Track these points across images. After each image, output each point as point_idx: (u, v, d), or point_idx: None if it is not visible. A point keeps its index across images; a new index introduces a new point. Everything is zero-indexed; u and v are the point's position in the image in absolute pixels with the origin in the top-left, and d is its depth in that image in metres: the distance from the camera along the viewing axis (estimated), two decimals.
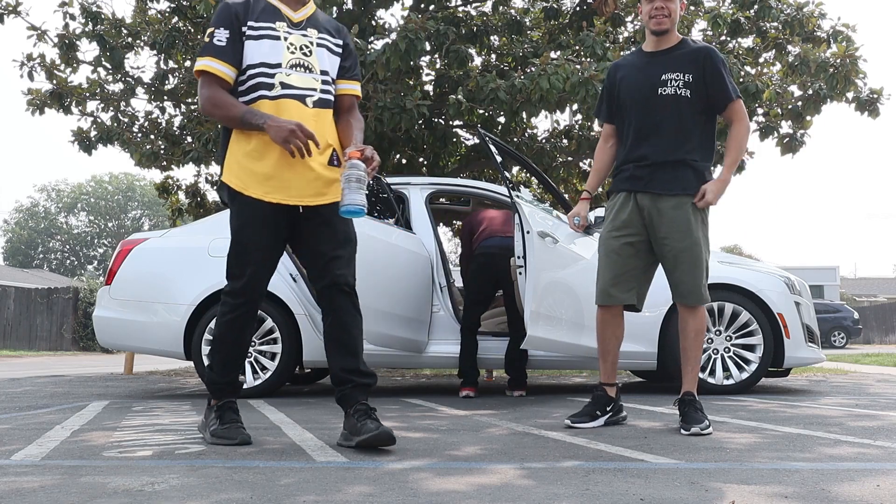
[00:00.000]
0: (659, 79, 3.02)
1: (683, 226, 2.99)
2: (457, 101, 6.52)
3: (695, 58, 3.01)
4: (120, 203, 52.70)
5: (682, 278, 3.02)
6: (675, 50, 3.07)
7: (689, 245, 2.99)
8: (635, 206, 3.06)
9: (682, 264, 3.00)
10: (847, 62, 6.63)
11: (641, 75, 3.08)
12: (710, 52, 3.03)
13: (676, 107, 3.00)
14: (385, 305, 4.47)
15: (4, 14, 7.13)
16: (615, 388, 3.22)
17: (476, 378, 4.75)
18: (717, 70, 3.01)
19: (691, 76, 2.99)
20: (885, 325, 28.49)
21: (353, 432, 2.52)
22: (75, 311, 19.69)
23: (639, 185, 3.05)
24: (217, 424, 2.69)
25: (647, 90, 3.04)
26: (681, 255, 3.00)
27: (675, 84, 2.99)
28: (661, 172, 3.01)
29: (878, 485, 1.91)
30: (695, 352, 3.07)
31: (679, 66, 3.01)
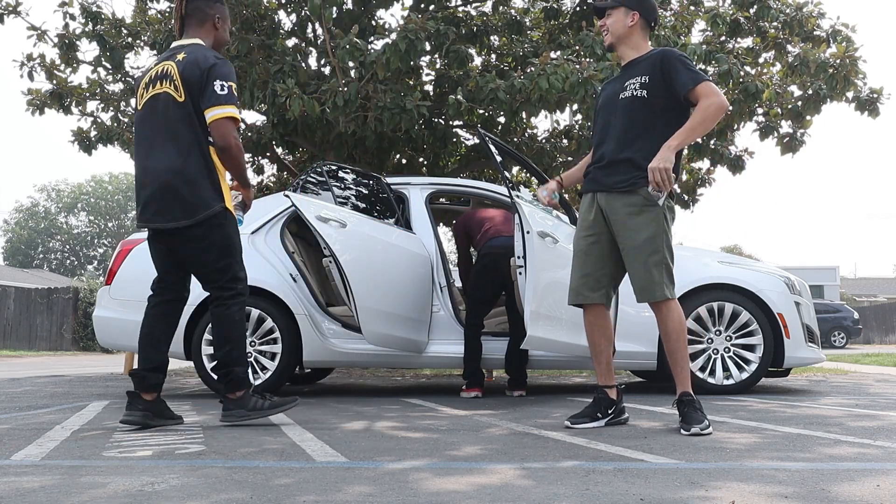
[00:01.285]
0: (623, 86, 3.15)
1: (633, 223, 3.02)
2: (457, 101, 6.52)
3: (652, 60, 3.10)
4: (120, 203, 52.69)
5: (633, 275, 3.05)
6: (639, 60, 3.17)
7: (639, 241, 3.00)
8: (598, 206, 3.15)
9: (634, 261, 3.03)
10: (847, 62, 6.63)
11: (611, 87, 3.25)
12: (666, 51, 3.11)
13: (631, 107, 3.08)
14: (385, 305, 4.47)
15: (4, 14, 7.12)
16: (616, 389, 3.20)
17: (482, 379, 4.75)
18: (671, 65, 3.03)
19: (648, 77, 3.07)
20: (885, 325, 28.50)
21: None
22: (75, 311, 19.69)
23: (596, 185, 3.16)
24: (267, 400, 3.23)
25: (612, 97, 3.20)
26: (632, 251, 3.03)
27: (633, 87, 3.09)
28: (613, 170, 3.09)
29: (878, 485, 1.91)
30: (679, 352, 3.03)
31: (639, 71, 3.12)
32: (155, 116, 3.16)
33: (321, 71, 7.77)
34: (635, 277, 3.05)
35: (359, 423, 3.36)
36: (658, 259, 3.00)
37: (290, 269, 4.87)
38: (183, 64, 3.12)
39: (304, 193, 4.86)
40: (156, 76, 3.19)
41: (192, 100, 3.11)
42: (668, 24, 7.40)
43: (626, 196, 3.04)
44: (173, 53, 3.21)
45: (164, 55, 3.27)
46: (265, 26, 7.45)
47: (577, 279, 3.17)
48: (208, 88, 3.08)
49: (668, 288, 3.02)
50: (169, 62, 3.18)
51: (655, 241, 3.00)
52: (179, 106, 3.12)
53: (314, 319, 4.78)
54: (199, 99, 3.10)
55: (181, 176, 3.10)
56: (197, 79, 3.08)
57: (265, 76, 6.77)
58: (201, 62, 3.10)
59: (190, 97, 3.11)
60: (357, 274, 4.37)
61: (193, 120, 3.12)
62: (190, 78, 3.09)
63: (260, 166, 9.71)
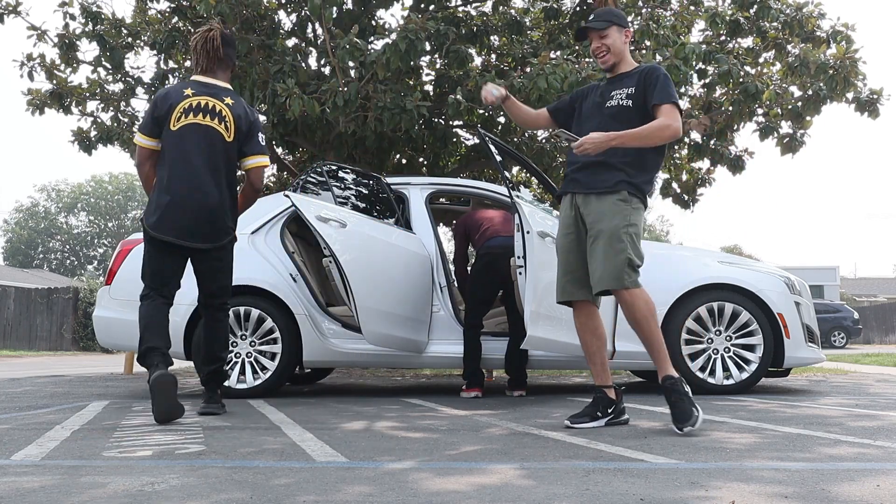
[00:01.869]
0: (609, 96, 3.24)
1: (600, 216, 3.09)
2: (457, 101, 6.52)
3: (639, 73, 3.21)
4: (120, 203, 52.70)
5: (594, 266, 3.09)
6: (628, 74, 3.26)
7: (603, 232, 3.05)
8: (575, 206, 3.22)
9: (596, 251, 3.07)
10: (847, 63, 6.63)
11: (598, 99, 3.29)
12: (653, 67, 3.22)
13: (615, 116, 3.16)
14: (385, 305, 4.47)
15: (4, 14, 7.12)
16: (614, 389, 3.20)
17: (482, 379, 4.76)
18: (653, 79, 3.15)
19: (633, 89, 3.17)
20: (885, 325, 28.50)
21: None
22: (75, 311, 19.69)
23: (576, 186, 3.22)
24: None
25: (596, 107, 3.26)
26: (594, 241, 3.09)
27: (620, 97, 3.19)
28: (588, 173, 3.17)
29: (878, 485, 1.91)
30: (652, 336, 3.03)
31: (627, 83, 3.21)
32: (199, 145, 3.53)
33: (321, 71, 7.77)
34: (594, 265, 3.06)
35: (359, 423, 3.36)
36: (620, 248, 3.01)
37: (290, 269, 4.88)
38: (234, 109, 3.62)
39: (304, 193, 4.86)
40: (198, 107, 3.57)
41: (237, 142, 3.62)
42: (668, 24, 7.40)
43: (600, 194, 3.13)
44: (217, 93, 3.64)
45: (204, 90, 3.63)
46: (265, 26, 7.45)
47: (562, 277, 3.23)
48: (254, 138, 3.66)
49: (629, 276, 3.01)
50: (216, 100, 3.61)
51: (617, 232, 3.03)
52: (227, 145, 3.59)
53: (314, 319, 4.78)
54: (243, 144, 3.63)
55: (220, 206, 3.57)
56: (245, 127, 3.63)
57: (265, 76, 6.77)
58: (249, 114, 3.68)
59: (237, 139, 3.61)
60: (357, 274, 4.37)
61: (234, 158, 3.65)
62: (240, 124, 3.62)
63: None
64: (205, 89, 3.60)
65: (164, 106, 3.56)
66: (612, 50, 3.23)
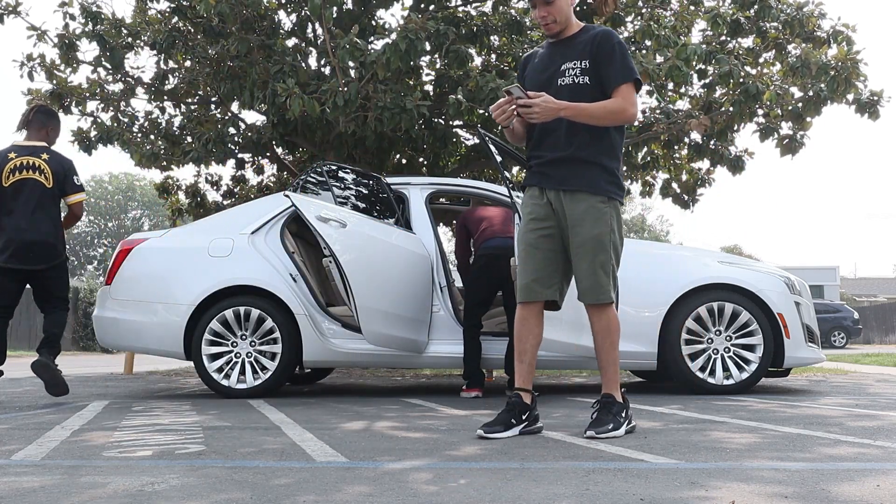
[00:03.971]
0: (559, 69, 2.97)
1: (585, 222, 2.91)
2: (457, 101, 6.52)
3: (591, 42, 2.95)
4: (120, 203, 52.70)
5: (579, 275, 2.95)
6: (574, 38, 3.01)
7: (588, 242, 2.91)
8: (547, 200, 3.01)
9: (581, 260, 2.93)
10: (848, 64, 6.63)
11: (542, 66, 3.04)
12: (606, 34, 2.96)
13: (575, 97, 2.91)
14: (385, 305, 4.48)
15: (4, 14, 7.12)
16: (531, 395, 2.99)
17: (482, 379, 4.76)
18: (609, 51, 2.91)
19: (588, 62, 2.93)
20: (885, 325, 28.50)
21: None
22: (75, 311, 19.70)
23: (548, 181, 3.00)
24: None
25: (547, 82, 2.99)
26: (579, 250, 2.93)
27: (573, 73, 2.93)
28: (564, 169, 2.96)
29: (878, 485, 1.91)
30: (607, 353, 2.95)
31: (577, 54, 2.96)
32: (27, 194, 4.44)
33: (321, 71, 7.77)
34: (581, 277, 2.95)
35: (359, 423, 3.36)
36: (604, 259, 2.92)
37: (290, 269, 4.88)
38: (49, 162, 4.50)
39: (304, 193, 4.86)
40: (22, 166, 4.47)
41: (57, 186, 4.51)
42: (668, 24, 7.40)
43: (580, 194, 2.93)
44: (35, 152, 4.52)
45: (24, 151, 4.52)
46: (265, 26, 7.45)
47: (529, 275, 3.00)
48: (69, 181, 4.56)
49: (611, 291, 2.94)
50: (34, 157, 4.49)
51: (603, 240, 2.92)
52: (48, 190, 4.48)
53: (314, 319, 4.78)
54: (63, 186, 4.53)
55: (49, 237, 4.53)
56: (61, 174, 4.52)
57: (265, 76, 6.77)
58: (63, 163, 4.57)
59: (56, 185, 4.50)
60: (357, 274, 4.37)
61: (57, 199, 4.55)
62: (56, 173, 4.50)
63: (260, 166, 9.71)
64: (24, 150, 4.52)
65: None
66: (558, 18, 2.97)
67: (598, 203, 2.93)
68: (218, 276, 4.81)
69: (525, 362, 3.01)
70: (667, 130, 7.67)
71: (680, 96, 8.44)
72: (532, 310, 3.01)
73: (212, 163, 8.22)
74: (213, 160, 7.99)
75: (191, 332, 4.77)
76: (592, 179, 2.93)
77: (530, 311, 3.01)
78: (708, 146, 8.36)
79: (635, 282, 4.70)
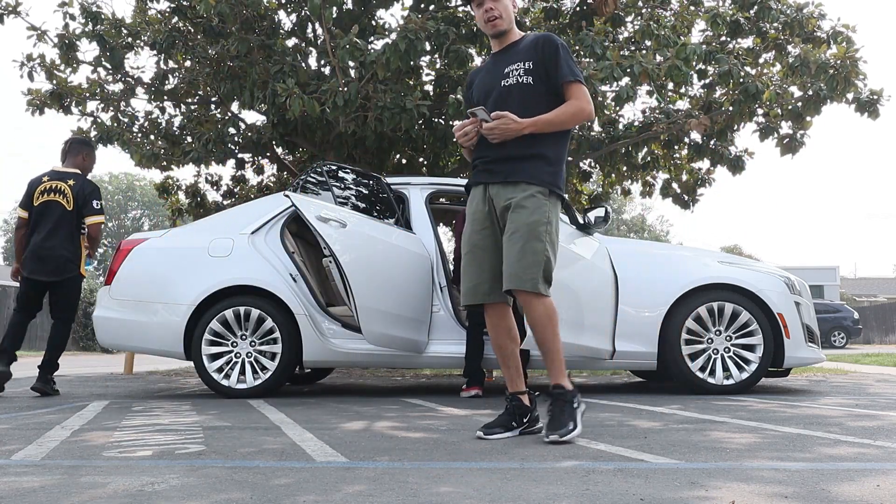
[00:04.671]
0: (502, 73, 2.97)
1: (522, 210, 2.84)
2: (457, 101, 6.52)
3: (534, 45, 2.96)
4: (120, 203, 52.72)
5: (508, 261, 2.83)
6: (517, 44, 3.03)
7: (521, 227, 2.82)
8: (489, 199, 2.96)
9: (512, 246, 2.82)
10: (847, 63, 6.63)
11: (489, 76, 3.04)
12: (548, 37, 2.98)
13: (518, 96, 2.91)
14: (385, 305, 4.48)
15: (4, 14, 7.12)
16: (528, 395, 2.94)
17: (483, 378, 4.76)
18: (553, 52, 2.92)
19: (531, 63, 2.93)
20: (885, 325, 28.51)
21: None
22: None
23: (490, 177, 2.96)
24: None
25: (491, 86, 2.99)
26: (512, 235, 2.84)
27: (517, 73, 2.93)
28: (509, 164, 2.92)
29: (878, 485, 1.91)
30: (548, 343, 2.83)
31: (519, 56, 2.96)
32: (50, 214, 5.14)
33: (321, 71, 7.77)
34: (509, 262, 2.82)
35: (359, 423, 3.36)
36: (537, 248, 2.80)
37: (290, 269, 4.88)
38: (73, 187, 5.14)
39: (304, 193, 4.86)
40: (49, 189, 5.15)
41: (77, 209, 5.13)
42: (668, 24, 7.40)
43: (520, 185, 2.88)
44: (63, 177, 5.18)
45: (56, 176, 5.19)
46: (265, 26, 7.46)
47: (475, 277, 2.92)
48: (89, 205, 5.15)
49: (540, 283, 2.81)
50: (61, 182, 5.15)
51: (538, 229, 2.82)
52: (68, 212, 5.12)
53: (314, 319, 4.78)
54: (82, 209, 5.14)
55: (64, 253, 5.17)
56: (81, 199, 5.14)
57: (265, 76, 6.77)
58: (84, 188, 5.17)
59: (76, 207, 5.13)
60: (357, 274, 4.38)
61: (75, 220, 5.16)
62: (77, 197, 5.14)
63: (260, 166, 9.71)
64: (56, 175, 5.18)
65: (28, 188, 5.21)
66: (503, 15, 2.96)
67: (538, 193, 2.86)
68: (218, 276, 4.81)
69: (511, 366, 2.96)
70: (667, 130, 7.67)
71: (680, 96, 8.44)
72: (497, 312, 2.95)
73: (212, 163, 8.22)
74: (213, 160, 7.99)
75: (191, 332, 4.77)
76: (535, 171, 2.89)
77: (497, 314, 2.95)
78: (708, 146, 8.37)
79: (635, 282, 4.71)
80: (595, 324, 4.59)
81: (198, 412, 3.83)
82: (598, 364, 4.74)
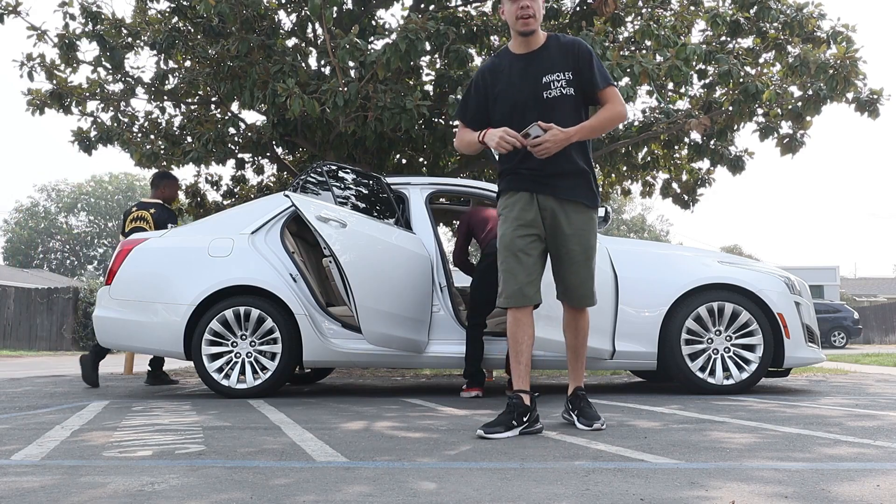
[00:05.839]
0: (541, 82, 2.99)
1: (585, 231, 3.07)
2: (457, 101, 6.52)
3: (568, 53, 2.99)
4: (120, 203, 52.69)
5: (577, 282, 3.10)
6: (547, 49, 3.02)
7: (587, 251, 3.08)
8: (537, 206, 3.04)
9: (581, 268, 3.09)
10: (847, 63, 6.63)
11: (521, 81, 3.01)
12: (579, 43, 3.03)
13: (563, 108, 2.98)
14: (385, 305, 4.48)
15: (4, 14, 7.11)
16: (530, 396, 3.00)
17: (483, 379, 4.76)
18: (588, 60, 2.98)
19: (571, 73, 2.98)
20: (885, 325, 28.50)
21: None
22: (75, 311, 19.68)
23: (541, 188, 3.03)
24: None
25: (531, 95, 3.00)
26: (578, 257, 3.07)
27: (559, 85, 2.98)
28: (563, 179, 3.03)
29: (878, 485, 1.91)
30: (583, 349, 3.22)
31: (557, 65, 2.99)
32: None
33: (321, 71, 7.77)
34: (580, 283, 3.10)
35: (359, 423, 3.36)
36: (593, 267, 3.14)
37: (290, 269, 4.88)
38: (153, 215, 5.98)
39: (304, 193, 4.86)
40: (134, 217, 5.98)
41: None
42: (668, 24, 7.40)
43: (580, 205, 3.05)
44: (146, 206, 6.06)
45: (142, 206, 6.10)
46: (265, 26, 7.45)
47: (523, 279, 2.99)
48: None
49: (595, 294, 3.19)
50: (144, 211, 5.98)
51: (594, 250, 3.13)
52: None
53: (314, 319, 4.78)
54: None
55: None
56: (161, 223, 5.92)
57: (265, 76, 6.77)
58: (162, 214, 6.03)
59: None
60: (357, 274, 4.38)
61: None
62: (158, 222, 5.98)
63: (260, 166, 9.71)
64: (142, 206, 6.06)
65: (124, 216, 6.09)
66: (537, 14, 2.97)
67: (593, 214, 3.11)
68: (218, 276, 4.81)
69: (522, 364, 3.03)
70: (667, 130, 7.67)
71: (680, 96, 8.44)
72: (525, 312, 3.06)
73: (212, 163, 8.22)
74: (213, 160, 7.99)
75: (191, 331, 4.77)
76: (589, 191, 3.08)
77: (524, 313, 3.06)
78: (708, 146, 8.36)
79: (635, 282, 4.71)
80: (595, 324, 4.57)
81: (198, 412, 3.83)
82: (598, 364, 4.74)
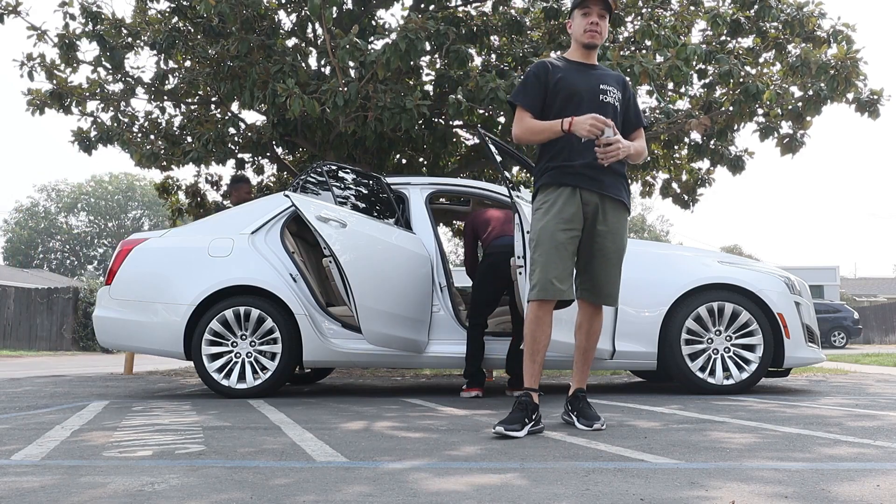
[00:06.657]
0: (599, 87, 3.16)
1: (620, 231, 3.16)
2: (457, 101, 6.52)
3: (619, 82, 3.25)
4: (120, 203, 52.72)
5: (607, 279, 3.15)
6: (601, 68, 3.27)
7: (620, 250, 3.16)
8: (580, 201, 3.08)
9: (612, 267, 3.15)
10: (848, 63, 6.63)
11: (581, 76, 3.16)
12: (626, 80, 3.31)
13: (615, 116, 3.16)
14: (385, 305, 4.48)
15: (4, 14, 7.12)
16: (538, 395, 3.04)
17: (483, 379, 4.76)
18: (633, 96, 3.28)
19: (620, 96, 3.21)
20: (885, 325, 28.49)
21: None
22: (75, 311, 19.69)
23: (587, 182, 3.08)
24: None
25: (593, 95, 3.14)
26: (612, 256, 3.14)
27: (614, 96, 3.17)
28: (609, 176, 3.13)
29: (878, 485, 1.91)
30: (593, 352, 3.27)
31: (611, 82, 3.20)
32: None
33: (321, 71, 7.77)
34: (607, 281, 3.15)
35: (359, 423, 3.36)
36: (621, 268, 3.21)
37: (290, 269, 4.88)
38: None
39: (304, 193, 4.86)
40: None
41: None
42: (668, 24, 7.40)
43: (620, 203, 3.16)
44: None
45: None
46: (265, 26, 7.45)
47: (557, 273, 2.99)
48: None
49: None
50: None
51: (625, 253, 3.21)
52: None
53: (314, 319, 4.78)
54: None
55: None
56: None
57: (265, 76, 6.77)
58: None
59: None
60: (357, 274, 4.38)
61: None
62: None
63: (260, 166, 9.71)
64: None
65: None
66: (604, 34, 3.18)
67: (627, 217, 3.23)
68: (218, 276, 4.81)
69: (537, 363, 3.05)
70: (667, 130, 7.67)
71: (680, 96, 8.44)
72: (548, 309, 3.06)
73: (212, 163, 8.22)
74: (213, 160, 7.99)
75: (191, 332, 4.77)
76: (628, 194, 3.23)
77: (546, 310, 3.05)
78: (708, 146, 8.36)
79: (635, 282, 4.70)
80: None
81: (198, 412, 3.83)
82: (598, 364, 4.74)
